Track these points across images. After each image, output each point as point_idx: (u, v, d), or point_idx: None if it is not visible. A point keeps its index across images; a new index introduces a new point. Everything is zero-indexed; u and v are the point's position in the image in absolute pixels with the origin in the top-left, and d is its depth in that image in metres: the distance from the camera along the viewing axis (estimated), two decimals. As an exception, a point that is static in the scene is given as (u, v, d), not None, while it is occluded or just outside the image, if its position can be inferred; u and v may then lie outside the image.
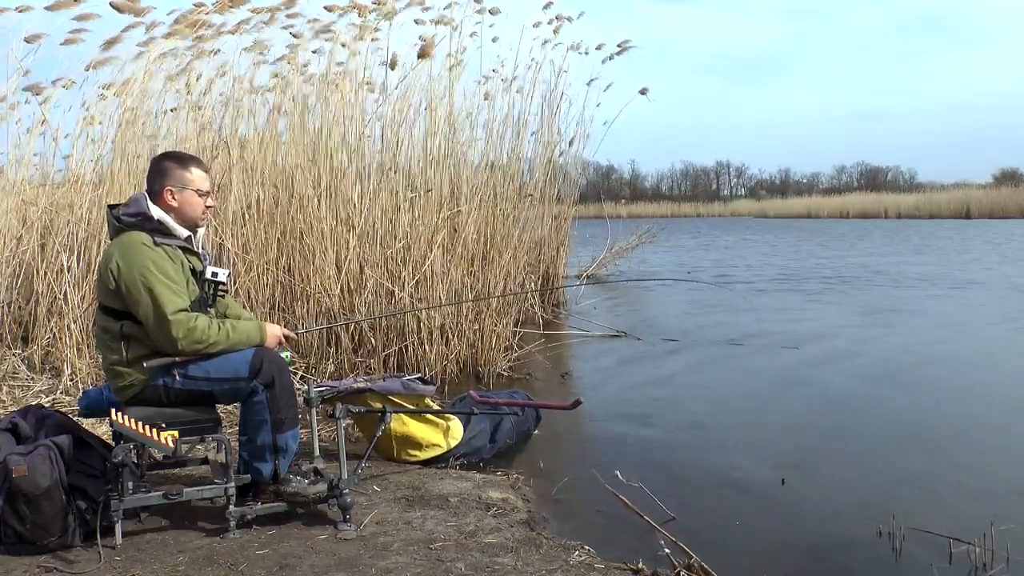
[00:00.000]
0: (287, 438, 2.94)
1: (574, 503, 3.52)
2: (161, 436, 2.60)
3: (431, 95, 6.28)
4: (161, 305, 2.72)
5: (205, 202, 2.97)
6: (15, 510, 2.67)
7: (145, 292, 2.73)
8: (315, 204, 5.88)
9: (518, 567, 2.60)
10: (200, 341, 2.77)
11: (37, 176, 6.31)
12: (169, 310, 2.72)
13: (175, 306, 2.74)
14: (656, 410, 5.20)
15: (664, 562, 2.74)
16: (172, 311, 2.73)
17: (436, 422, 3.90)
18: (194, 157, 3.08)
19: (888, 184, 79.17)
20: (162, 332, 2.74)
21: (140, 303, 2.74)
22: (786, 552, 3.05)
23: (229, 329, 2.85)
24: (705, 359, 6.81)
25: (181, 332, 2.73)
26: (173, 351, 2.78)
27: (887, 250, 21.31)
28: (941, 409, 5.16)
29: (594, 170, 61.52)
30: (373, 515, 3.05)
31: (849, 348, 7.17)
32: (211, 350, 2.80)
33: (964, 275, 13.74)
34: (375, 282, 5.81)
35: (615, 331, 8.05)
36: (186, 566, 2.60)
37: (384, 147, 6.26)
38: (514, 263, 6.61)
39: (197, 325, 2.77)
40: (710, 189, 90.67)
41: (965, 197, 50.23)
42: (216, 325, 2.83)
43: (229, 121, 6.14)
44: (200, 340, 2.77)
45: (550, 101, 8.17)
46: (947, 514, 3.30)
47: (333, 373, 5.54)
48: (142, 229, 2.84)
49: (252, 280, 5.74)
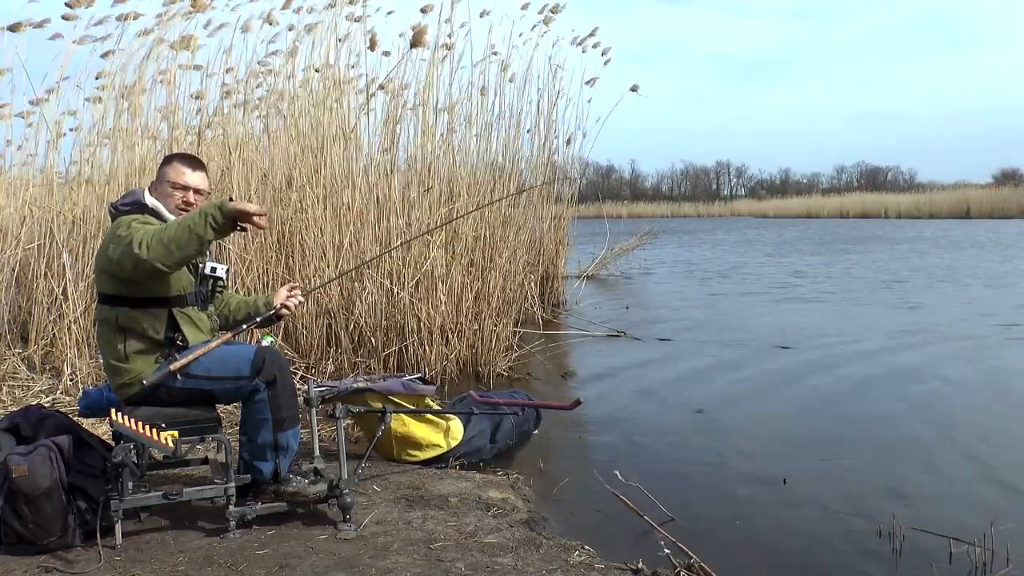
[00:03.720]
0: (288, 437, 2.94)
1: (574, 503, 3.52)
2: (161, 436, 2.60)
3: (424, 90, 6.27)
4: (130, 234, 2.68)
5: (184, 196, 2.95)
6: (15, 510, 2.67)
7: (121, 237, 2.70)
8: (314, 204, 5.88)
9: (518, 567, 2.60)
10: (155, 234, 2.65)
11: (37, 176, 6.31)
12: (137, 233, 2.68)
13: (145, 231, 2.70)
14: (656, 410, 5.21)
15: (664, 562, 2.74)
16: (138, 233, 2.68)
17: (436, 422, 3.90)
18: (183, 155, 3.10)
19: (888, 184, 79.33)
20: (127, 254, 2.65)
21: (115, 245, 2.70)
22: (786, 552, 3.05)
23: (178, 217, 2.80)
24: (705, 359, 6.81)
25: (139, 241, 2.63)
26: (149, 270, 2.66)
27: (889, 255, 21.30)
28: (941, 409, 5.16)
29: (594, 170, 61.60)
30: (373, 515, 3.05)
31: (849, 349, 7.17)
32: (175, 237, 2.63)
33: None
34: (375, 282, 5.80)
35: (615, 331, 8.05)
36: (186, 566, 2.60)
37: (381, 145, 6.27)
38: (513, 262, 6.61)
39: (148, 228, 2.71)
40: (710, 189, 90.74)
41: (965, 197, 50.26)
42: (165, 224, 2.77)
43: (228, 121, 6.14)
44: (155, 233, 2.66)
45: (546, 98, 8.18)
46: (947, 514, 3.30)
47: (333, 373, 5.54)
48: (137, 214, 2.86)
49: (252, 282, 5.74)
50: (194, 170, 3.00)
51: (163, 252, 2.63)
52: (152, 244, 2.63)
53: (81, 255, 5.55)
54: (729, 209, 73.59)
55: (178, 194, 2.95)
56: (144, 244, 2.63)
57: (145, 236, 2.65)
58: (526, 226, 7.23)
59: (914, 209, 51.33)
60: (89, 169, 5.92)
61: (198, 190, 2.99)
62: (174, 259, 2.67)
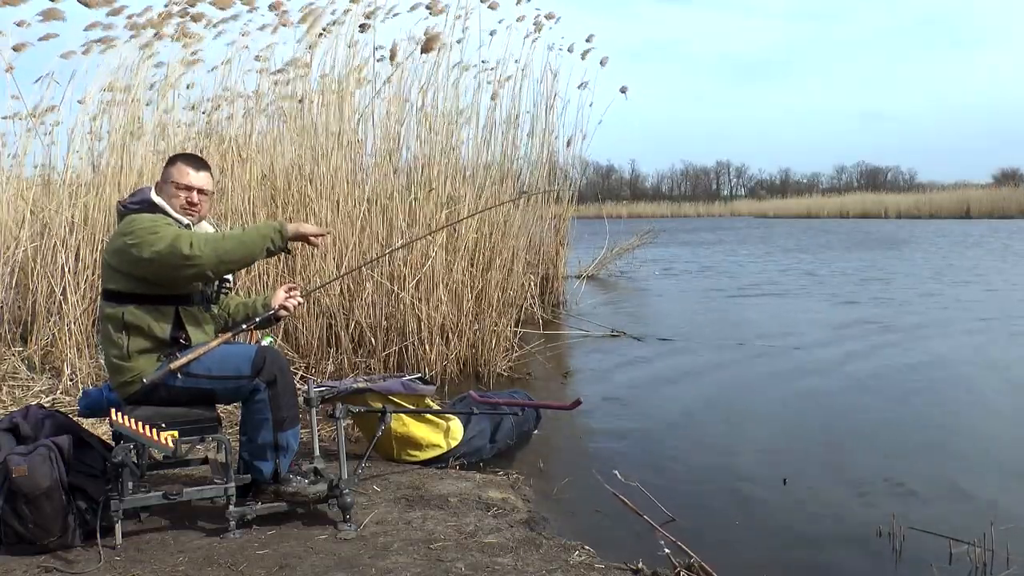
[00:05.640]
0: (288, 437, 2.94)
1: (574, 503, 3.52)
2: (161, 436, 2.60)
3: (425, 91, 6.28)
4: (166, 233, 2.72)
5: (188, 196, 2.95)
6: (15, 510, 2.67)
7: (150, 233, 2.73)
8: (315, 203, 5.88)
9: (518, 567, 2.60)
10: (209, 242, 2.71)
11: (36, 176, 6.31)
12: (172, 232, 2.73)
13: (176, 231, 2.76)
14: (656, 410, 5.21)
15: (664, 562, 2.74)
16: (175, 232, 2.73)
17: (436, 422, 3.90)
18: (187, 155, 3.10)
19: (888, 184, 79.31)
20: (175, 254, 2.68)
21: (146, 242, 2.71)
22: (786, 552, 3.05)
23: (238, 232, 2.85)
24: (705, 359, 6.81)
25: (189, 243, 2.67)
26: (192, 275, 2.73)
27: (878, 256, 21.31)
28: (942, 409, 5.16)
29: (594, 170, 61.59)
30: (373, 515, 3.05)
31: (849, 349, 7.17)
32: (230, 252, 2.71)
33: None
34: (375, 282, 5.81)
35: (615, 331, 8.05)
36: (186, 566, 2.60)
37: (382, 146, 6.26)
38: (513, 263, 6.60)
39: (199, 233, 2.78)
40: (710, 189, 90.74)
41: (965, 197, 50.25)
42: (221, 234, 2.83)
43: (228, 121, 6.14)
44: (210, 241, 2.71)
45: (545, 98, 8.16)
46: (947, 514, 3.30)
47: (333, 373, 5.54)
48: (148, 212, 2.88)
49: (252, 280, 5.74)
50: (198, 171, 3.00)
51: (215, 261, 2.72)
52: (205, 250, 2.69)
53: (81, 255, 5.55)
54: (729, 209, 73.62)
55: (182, 194, 2.95)
56: (197, 247, 2.68)
57: (197, 241, 2.70)
58: (526, 226, 7.23)
59: (914, 209, 51.31)
60: (88, 169, 5.92)
61: (202, 190, 2.99)
62: (222, 270, 2.79)
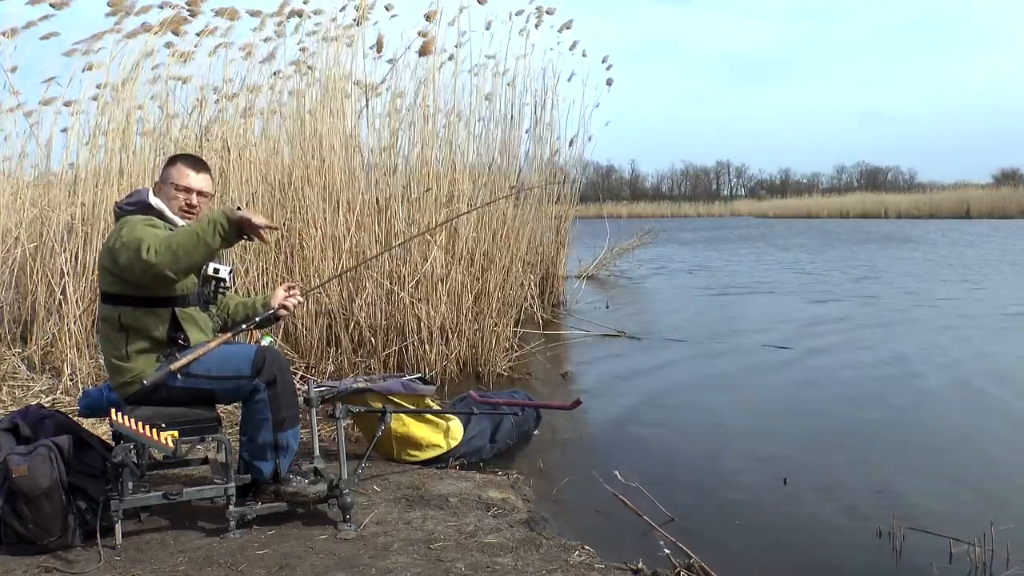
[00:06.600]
0: (288, 437, 2.94)
1: (574, 503, 3.52)
2: (161, 436, 2.60)
3: (424, 91, 6.27)
4: (141, 237, 2.68)
5: (187, 198, 2.94)
6: (15, 510, 2.67)
7: (129, 238, 2.70)
8: (314, 204, 5.87)
9: (518, 567, 2.60)
10: (164, 242, 2.65)
11: (34, 175, 6.30)
12: (148, 235, 2.68)
13: (153, 234, 2.71)
14: (656, 410, 5.21)
15: (664, 562, 2.74)
16: (151, 236, 2.69)
17: (436, 422, 3.90)
18: (187, 156, 3.09)
19: (888, 184, 79.30)
20: (137, 259, 2.65)
21: (124, 247, 2.69)
22: (786, 552, 3.05)
23: (192, 224, 2.76)
24: (705, 359, 6.81)
25: (148, 247, 2.63)
26: (154, 278, 2.68)
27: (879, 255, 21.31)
28: (942, 410, 5.16)
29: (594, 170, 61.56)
30: (373, 515, 3.05)
31: (850, 349, 7.17)
32: (183, 244, 2.64)
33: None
34: (375, 282, 5.80)
35: (615, 331, 8.05)
36: (186, 566, 2.60)
37: (381, 146, 6.26)
38: (513, 262, 6.60)
39: (160, 234, 2.71)
40: (710, 189, 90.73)
41: (965, 197, 50.26)
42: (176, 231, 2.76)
43: (227, 122, 6.14)
44: (164, 240, 2.66)
45: (544, 98, 8.16)
46: (947, 514, 3.30)
47: (333, 373, 5.54)
48: (141, 215, 2.87)
49: (252, 280, 5.74)
50: (198, 172, 2.99)
51: (171, 259, 2.64)
52: (161, 250, 2.63)
53: (81, 255, 5.54)
54: (729, 209, 73.61)
55: (181, 196, 2.94)
56: (153, 250, 2.63)
57: (154, 242, 2.65)
58: (526, 226, 7.23)
59: (914, 209, 51.31)
60: (89, 169, 5.92)
61: (201, 192, 2.99)
62: (182, 266, 2.68)
